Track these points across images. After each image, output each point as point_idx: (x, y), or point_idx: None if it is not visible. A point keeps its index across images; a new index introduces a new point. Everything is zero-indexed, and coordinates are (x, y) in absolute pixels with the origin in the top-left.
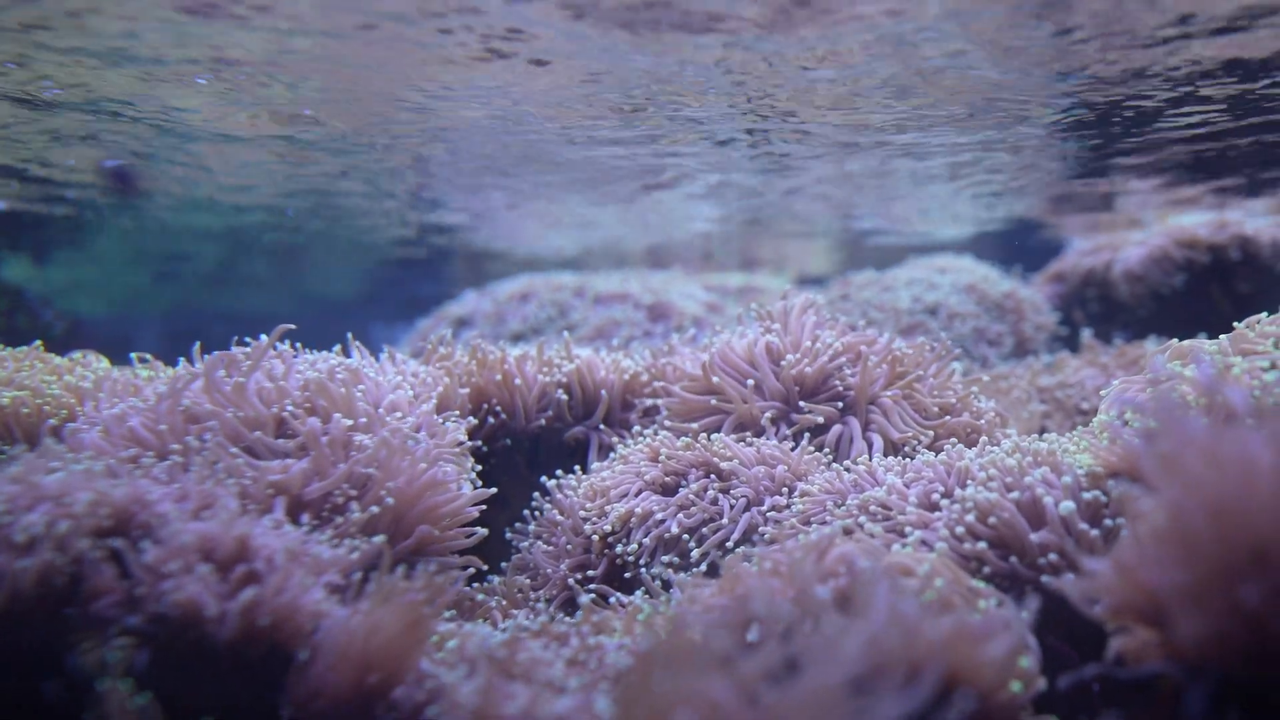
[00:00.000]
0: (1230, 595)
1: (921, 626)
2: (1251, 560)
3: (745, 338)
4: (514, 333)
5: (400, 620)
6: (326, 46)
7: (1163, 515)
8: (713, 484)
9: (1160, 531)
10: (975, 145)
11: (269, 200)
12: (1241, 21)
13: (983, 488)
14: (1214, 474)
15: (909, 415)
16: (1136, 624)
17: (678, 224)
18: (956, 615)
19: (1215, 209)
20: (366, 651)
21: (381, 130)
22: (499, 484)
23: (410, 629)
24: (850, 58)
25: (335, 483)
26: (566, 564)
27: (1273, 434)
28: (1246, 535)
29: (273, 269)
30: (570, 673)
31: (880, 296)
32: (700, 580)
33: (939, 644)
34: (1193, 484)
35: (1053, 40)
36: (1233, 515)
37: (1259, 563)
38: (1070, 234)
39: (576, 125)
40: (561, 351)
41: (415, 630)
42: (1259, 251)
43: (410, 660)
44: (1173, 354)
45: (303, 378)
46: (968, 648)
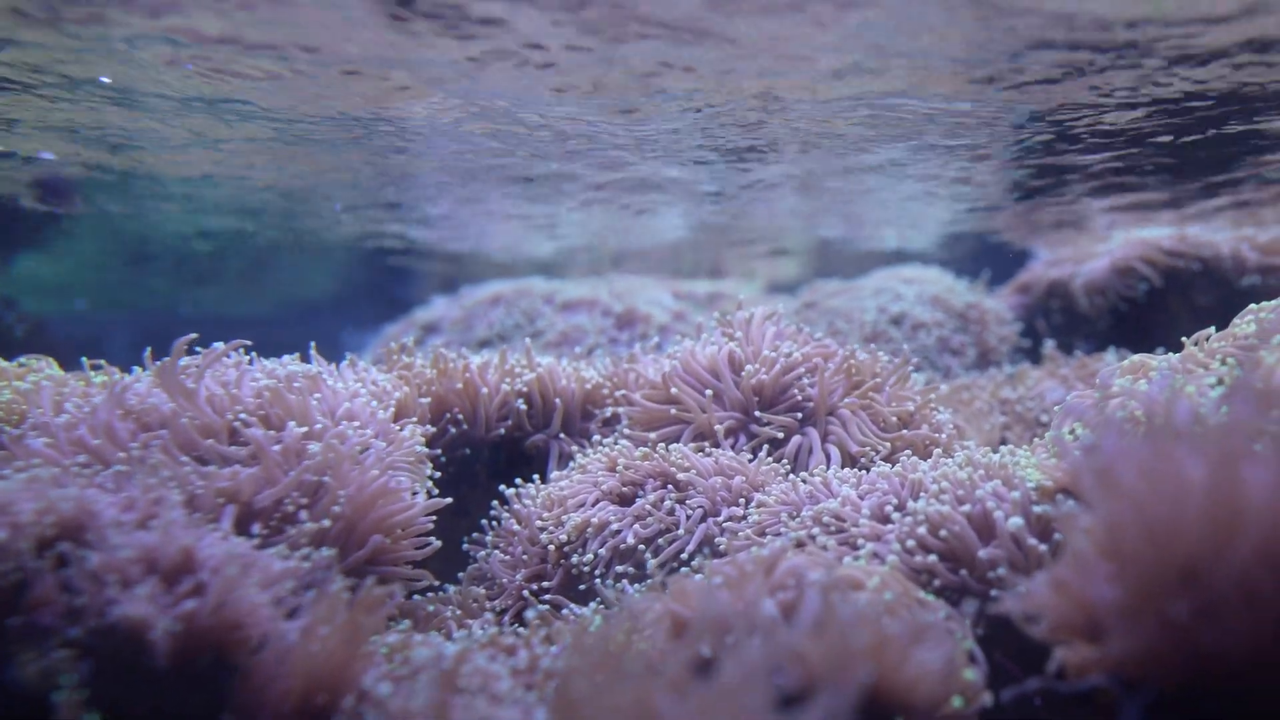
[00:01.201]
0: (1162, 612)
1: (847, 635)
2: (1182, 578)
3: (708, 347)
4: (481, 339)
5: (341, 632)
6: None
7: (1098, 532)
8: (670, 495)
9: (1095, 548)
10: (940, 158)
11: (243, 204)
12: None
13: (935, 500)
14: (1147, 492)
15: (867, 426)
16: (1075, 640)
17: (648, 231)
18: (884, 625)
19: (1175, 223)
20: (308, 663)
21: (351, 137)
22: (459, 493)
23: (351, 641)
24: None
25: (284, 490)
26: (522, 574)
27: (1205, 453)
28: (1177, 553)
29: (245, 272)
30: (517, 684)
31: (846, 306)
32: (651, 594)
33: (866, 651)
34: (1126, 501)
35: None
36: (1164, 533)
37: (1189, 580)
38: (1036, 245)
39: (551, 135)
40: (522, 360)
41: (356, 642)
42: (1219, 264)
43: (352, 672)
44: (1126, 369)
45: (258, 385)
46: (898, 657)
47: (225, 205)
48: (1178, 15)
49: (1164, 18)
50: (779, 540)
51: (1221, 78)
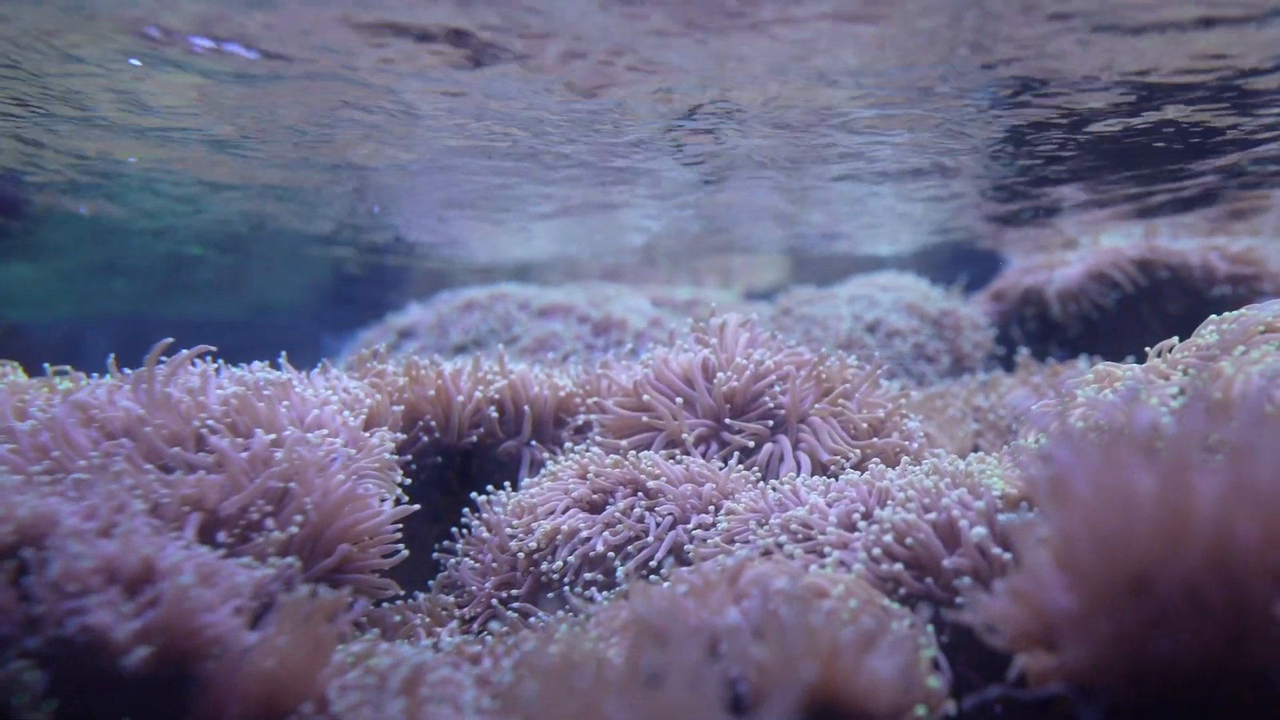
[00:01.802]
0: (1114, 621)
1: (790, 643)
2: (1133, 587)
3: (681, 354)
4: (456, 345)
5: (301, 640)
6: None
7: (1052, 542)
8: (640, 502)
9: (1050, 558)
10: (915, 162)
11: (218, 211)
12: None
13: (901, 509)
14: (1098, 502)
15: (838, 434)
16: (1034, 648)
17: (626, 237)
18: (836, 633)
19: (1146, 232)
20: (268, 672)
21: (328, 145)
22: (431, 500)
23: (312, 649)
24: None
25: (249, 498)
26: (492, 582)
27: (1155, 463)
28: (1128, 563)
29: (225, 277)
30: (481, 693)
31: (821, 313)
32: (617, 601)
33: (811, 659)
34: (1078, 512)
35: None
36: (1115, 543)
37: (1140, 590)
38: (1011, 253)
39: (528, 144)
40: (495, 367)
41: (317, 650)
42: (1189, 273)
43: (313, 680)
44: (1093, 378)
45: (225, 393)
46: (852, 665)
47: (201, 210)
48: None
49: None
50: (745, 548)
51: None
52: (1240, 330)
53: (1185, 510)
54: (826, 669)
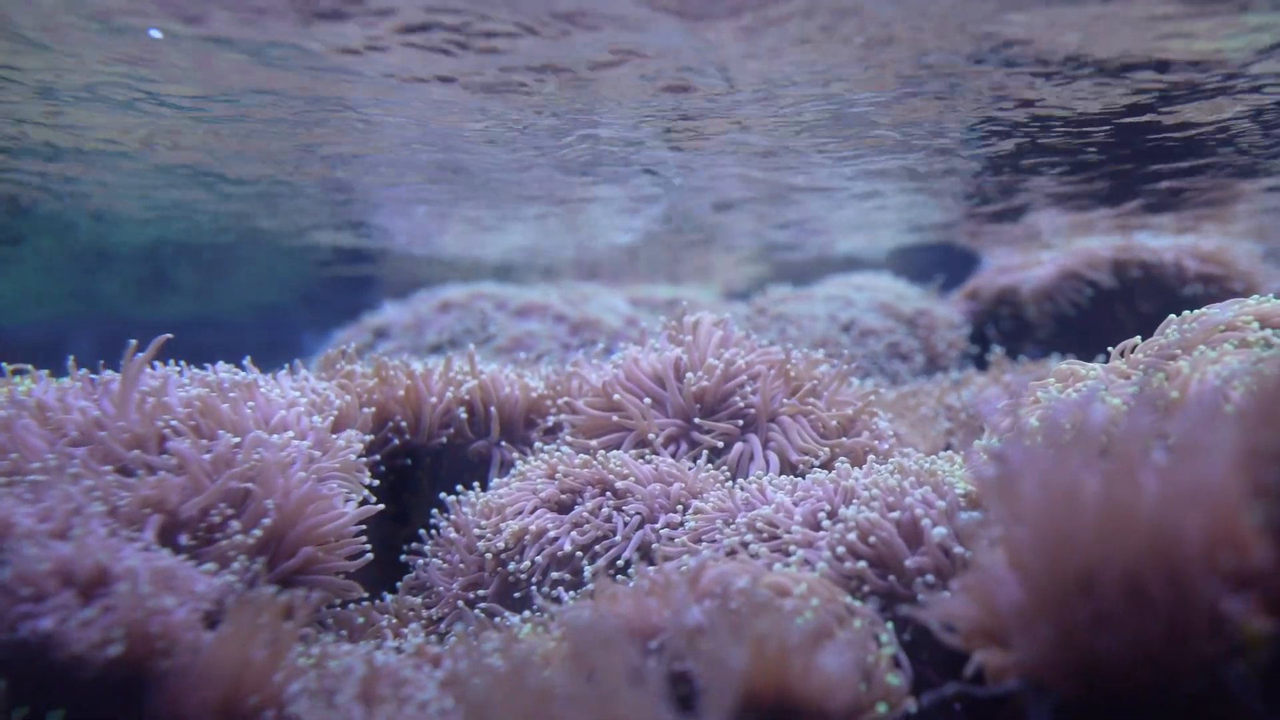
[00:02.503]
0: (1061, 619)
1: (725, 642)
2: (1079, 585)
3: (651, 354)
4: (432, 344)
5: (259, 641)
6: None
7: (1001, 541)
8: (608, 502)
9: (1000, 557)
10: (894, 164)
11: (192, 211)
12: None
13: (865, 507)
14: (1044, 501)
15: (807, 433)
16: (989, 646)
17: (604, 237)
18: (784, 632)
19: (1120, 231)
20: (224, 674)
21: (303, 145)
22: (401, 501)
23: (270, 650)
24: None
25: (210, 499)
26: (459, 582)
27: (1102, 462)
28: (1074, 561)
29: (205, 277)
30: (442, 694)
31: (797, 312)
32: (582, 601)
33: (755, 657)
34: (1026, 510)
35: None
36: (1061, 541)
37: (1085, 588)
38: (988, 252)
39: (501, 145)
40: (465, 367)
41: (275, 651)
42: (1162, 271)
43: (271, 682)
44: (1055, 377)
45: (188, 393)
46: (804, 663)
47: (178, 208)
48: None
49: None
50: (709, 548)
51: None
52: (1201, 330)
53: (1130, 509)
54: (776, 667)
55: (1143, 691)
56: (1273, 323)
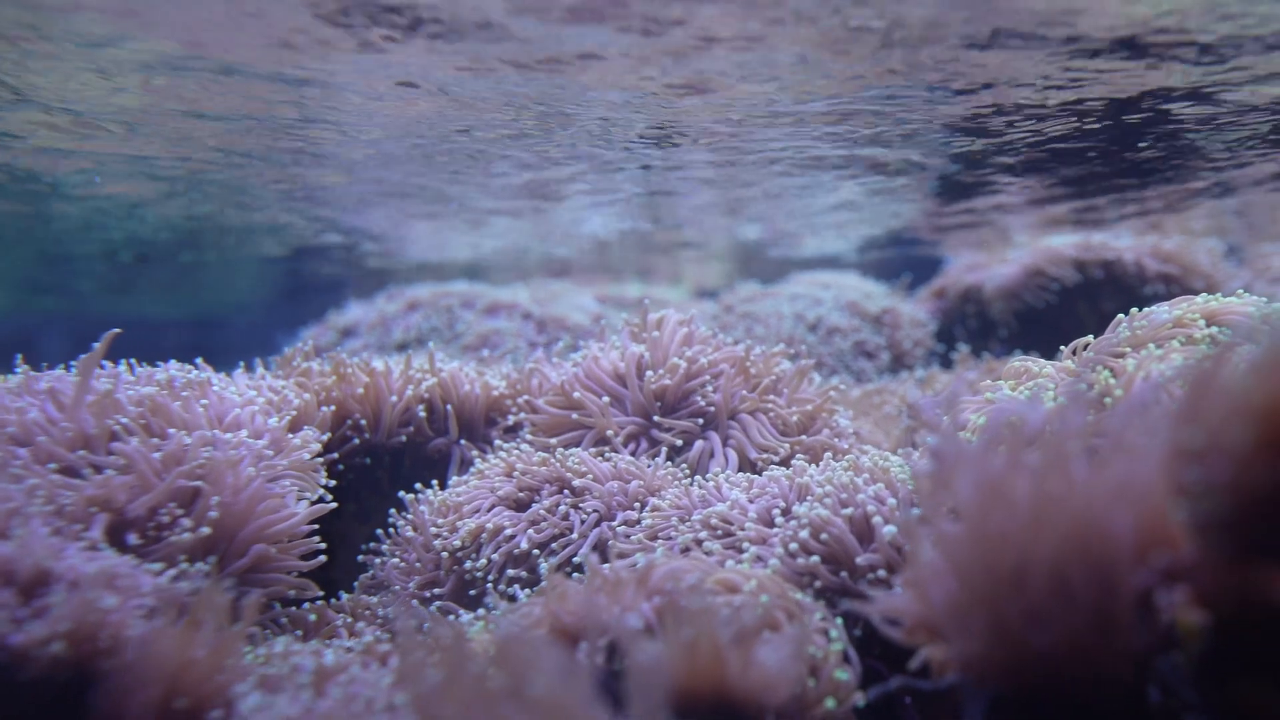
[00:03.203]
0: (993, 614)
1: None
2: (1011, 581)
3: (611, 352)
4: (398, 342)
5: (202, 641)
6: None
7: (936, 537)
8: (565, 499)
9: (937, 553)
10: (857, 160)
11: (159, 209)
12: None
13: (819, 504)
14: (977, 497)
15: (768, 430)
16: (930, 642)
17: (573, 235)
18: (716, 629)
19: (1082, 230)
20: (164, 673)
21: (267, 143)
22: (360, 500)
23: (214, 649)
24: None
25: (159, 498)
26: (415, 581)
27: (1033, 458)
28: (1006, 557)
29: (175, 276)
30: (392, 694)
31: (763, 311)
32: (533, 599)
33: (691, 654)
34: (960, 507)
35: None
36: (993, 537)
37: (1017, 584)
38: (955, 251)
39: (468, 143)
40: (425, 365)
41: (219, 650)
42: (1123, 271)
43: (216, 681)
44: (1007, 373)
45: (138, 392)
46: (742, 660)
47: (144, 206)
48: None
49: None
50: (664, 545)
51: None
52: (1150, 328)
53: (1059, 504)
54: (712, 664)
55: (1076, 684)
56: (1219, 320)
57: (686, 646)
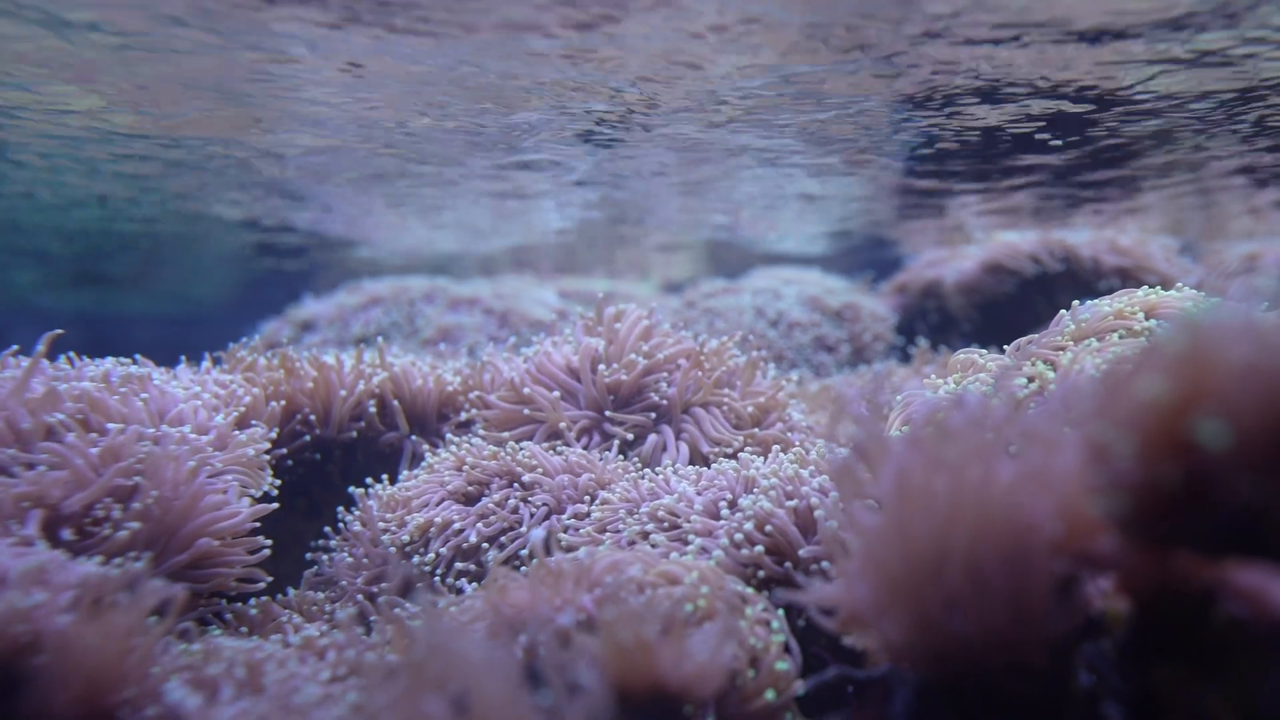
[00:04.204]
0: (914, 603)
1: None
2: (931, 570)
3: (564, 346)
4: (358, 337)
5: (128, 636)
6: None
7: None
8: (515, 493)
9: (860, 543)
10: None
11: (112, 199)
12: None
13: (763, 496)
14: (898, 489)
15: (721, 424)
16: (860, 631)
17: (538, 229)
18: (639, 620)
19: (1041, 225)
20: (90, 670)
21: (224, 135)
22: (311, 495)
23: (141, 646)
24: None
25: (96, 494)
26: (363, 576)
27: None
28: (925, 546)
29: (139, 270)
30: (328, 688)
31: (724, 306)
32: (475, 593)
33: (624, 646)
34: (880, 498)
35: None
36: (912, 528)
37: (937, 573)
38: (917, 246)
39: (422, 135)
40: (375, 359)
41: (147, 647)
42: (1080, 266)
43: (139, 678)
44: (952, 366)
45: (77, 387)
46: (675, 652)
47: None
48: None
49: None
50: (612, 538)
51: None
52: (1093, 321)
53: (976, 493)
54: (643, 657)
55: (997, 670)
56: (1158, 314)
57: (619, 639)
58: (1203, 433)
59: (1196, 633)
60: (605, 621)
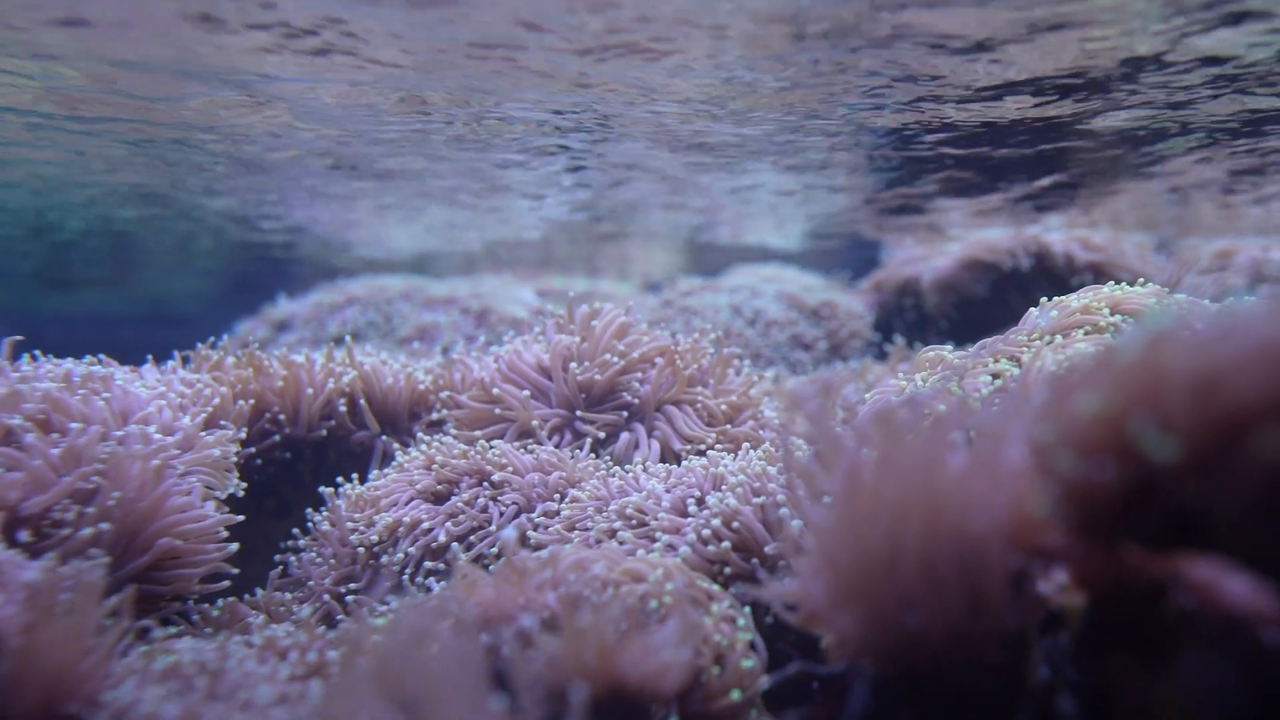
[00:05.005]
0: (870, 599)
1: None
2: (884, 568)
3: (534, 345)
4: (334, 336)
5: (85, 638)
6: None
7: (811, 525)
8: (484, 492)
9: (815, 542)
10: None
11: (82, 199)
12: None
13: (731, 494)
14: (849, 487)
15: (693, 421)
16: (821, 628)
17: (518, 228)
18: (599, 618)
19: (1016, 223)
20: (46, 673)
21: (201, 131)
22: (281, 494)
23: (100, 647)
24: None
25: (56, 496)
26: (331, 576)
27: (907, 446)
28: (878, 544)
29: (109, 270)
30: (287, 688)
31: (702, 304)
32: (441, 591)
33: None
34: (833, 494)
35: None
36: (866, 524)
37: (890, 569)
38: (895, 244)
39: (404, 135)
40: (345, 358)
41: (107, 648)
42: (1054, 262)
43: (97, 679)
44: (919, 363)
45: (38, 388)
46: (639, 651)
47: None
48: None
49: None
50: (581, 535)
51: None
52: (1061, 317)
53: (928, 490)
54: (601, 655)
55: (953, 665)
56: (1123, 309)
57: (579, 638)
58: (1146, 442)
59: (1147, 625)
60: (566, 620)
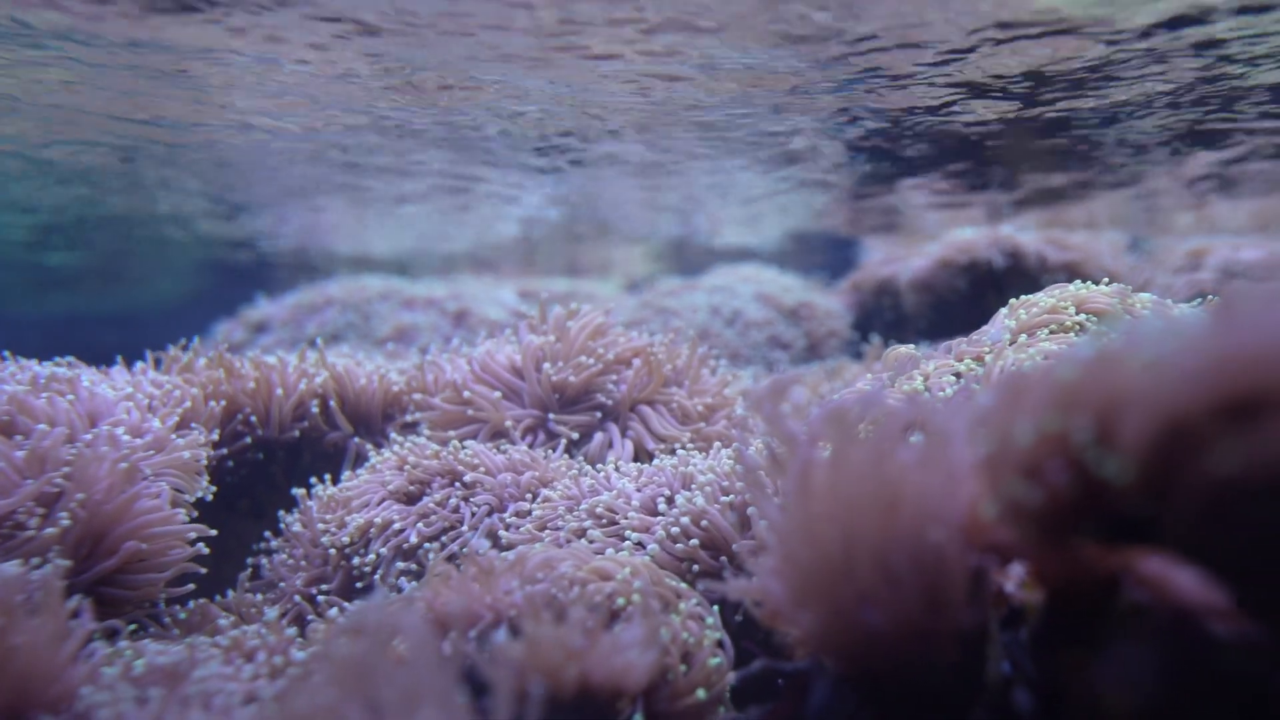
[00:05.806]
0: (828, 597)
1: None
2: (842, 565)
3: (506, 346)
4: (311, 338)
5: (46, 641)
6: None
7: (770, 524)
8: (456, 492)
9: (774, 540)
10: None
11: (60, 200)
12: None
13: (700, 492)
14: (804, 484)
15: (667, 421)
16: (784, 625)
17: (498, 228)
18: (562, 617)
19: (991, 222)
20: (11, 673)
21: (176, 132)
22: (254, 496)
23: (64, 650)
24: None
25: (19, 501)
26: (302, 578)
27: (861, 445)
28: (835, 542)
29: (91, 270)
30: (253, 687)
31: (680, 305)
32: (411, 590)
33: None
34: (791, 494)
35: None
36: (822, 523)
37: (848, 567)
38: (873, 243)
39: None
40: (317, 359)
41: (70, 651)
42: (1029, 262)
43: (61, 683)
44: (886, 361)
45: (3, 390)
46: (607, 650)
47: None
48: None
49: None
50: (551, 535)
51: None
52: (1028, 316)
53: (885, 488)
54: (563, 654)
55: (912, 663)
56: (1088, 308)
57: (544, 636)
58: (1091, 460)
59: (1099, 619)
60: (532, 619)
